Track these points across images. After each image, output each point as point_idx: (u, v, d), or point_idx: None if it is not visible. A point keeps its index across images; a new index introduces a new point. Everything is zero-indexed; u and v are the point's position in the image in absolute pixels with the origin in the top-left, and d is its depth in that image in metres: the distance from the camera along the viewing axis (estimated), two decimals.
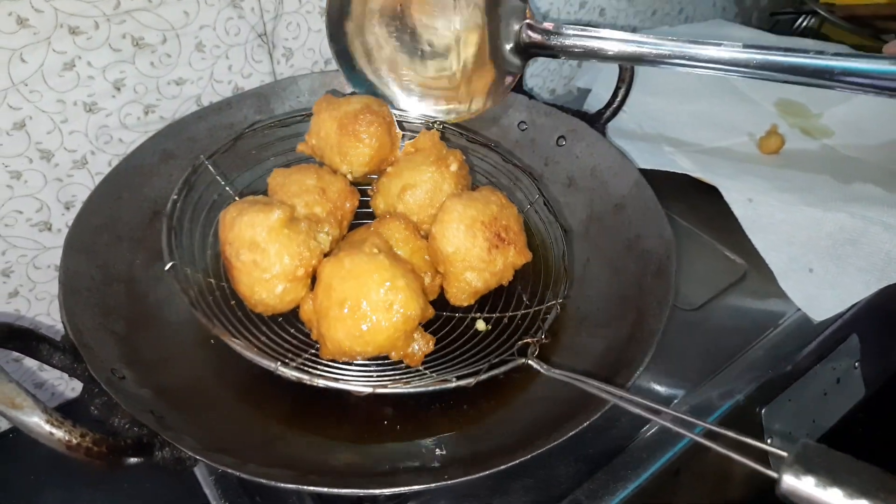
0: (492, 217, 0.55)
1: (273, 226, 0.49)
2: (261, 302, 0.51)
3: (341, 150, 0.60)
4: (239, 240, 0.50)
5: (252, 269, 0.50)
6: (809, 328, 0.70)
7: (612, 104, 0.74)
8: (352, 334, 0.47)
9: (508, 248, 0.55)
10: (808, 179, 0.78)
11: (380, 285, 0.47)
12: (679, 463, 0.59)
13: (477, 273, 0.55)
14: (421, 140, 0.63)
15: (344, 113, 0.60)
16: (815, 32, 1.18)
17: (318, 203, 0.57)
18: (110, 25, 0.61)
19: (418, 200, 0.59)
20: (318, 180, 0.58)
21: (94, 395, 0.44)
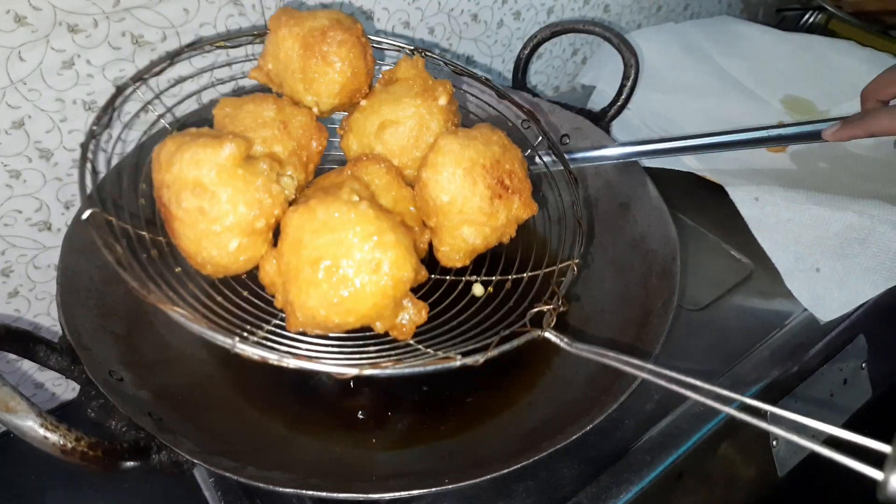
0: (494, 160, 0.45)
1: (224, 163, 0.39)
2: (210, 261, 0.41)
3: (306, 75, 0.49)
4: (180, 181, 0.39)
5: (198, 220, 0.40)
6: (816, 328, 0.69)
7: (617, 102, 0.73)
8: (329, 301, 0.38)
9: (513, 197, 0.46)
10: (815, 178, 0.77)
11: (364, 240, 0.38)
12: (683, 466, 0.58)
13: (475, 228, 0.46)
14: (402, 68, 0.52)
15: (309, 30, 0.48)
16: (822, 28, 1.17)
17: (278, 140, 0.46)
18: (109, 23, 0.60)
19: (400, 140, 0.49)
20: (277, 112, 0.48)
21: (91, 397, 0.43)
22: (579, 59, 1.03)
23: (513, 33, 0.91)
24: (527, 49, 0.77)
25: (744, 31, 1.03)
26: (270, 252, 0.42)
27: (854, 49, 0.99)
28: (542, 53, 0.97)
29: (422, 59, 0.53)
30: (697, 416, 0.61)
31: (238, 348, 0.37)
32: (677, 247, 0.58)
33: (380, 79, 0.54)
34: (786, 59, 0.99)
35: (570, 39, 0.99)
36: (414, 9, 0.79)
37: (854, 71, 0.94)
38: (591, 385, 0.52)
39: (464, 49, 0.88)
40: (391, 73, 0.54)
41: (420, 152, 0.49)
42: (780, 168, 0.79)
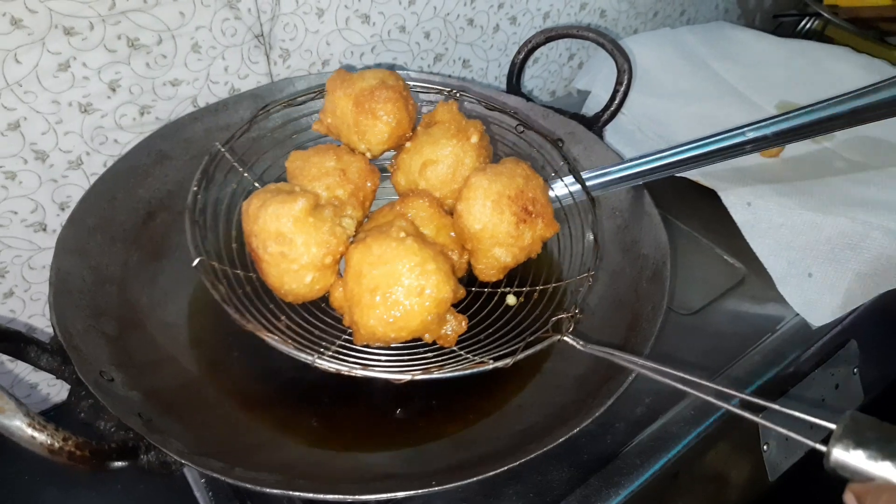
0: (518, 190, 0.53)
1: (298, 216, 0.48)
2: (291, 292, 0.51)
3: (359, 128, 0.58)
4: (265, 232, 0.49)
5: (280, 261, 0.49)
6: (808, 333, 0.69)
7: (610, 107, 0.73)
8: (385, 321, 0.47)
9: (536, 220, 0.54)
10: (808, 183, 0.77)
11: (410, 270, 0.47)
12: (673, 470, 0.58)
13: (505, 248, 0.54)
14: (439, 112, 0.61)
15: (360, 90, 0.58)
16: (818, 35, 1.17)
17: (339, 185, 0.56)
18: (105, 26, 0.61)
19: (440, 176, 0.58)
20: (337, 161, 0.56)
21: (81, 397, 0.44)
22: (575, 64, 1.03)
23: (509, 38, 0.91)
24: (521, 54, 0.77)
25: (739, 36, 1.04)
26: (338, 281, 0.51)
27: (849, 55, 0.99)
28: (539, 58, 0.98)
29: (455, 102, 0.62)
30: (688, 420, 0.61)
31: (317, 363, 0.45)
32: (668, 251, 0.58)
33: (421, 122, 0.62)
34: (781, 65, 0.99)
35: (567, 44, 0.99)
36: (410, 13, 0.80)
37: (849, 77, 0.95)
38: (581, 388, 0.52)
39: (460, 53, 0.88)
40: (430, 117, 0.62)
41: (457, 185, 0.57)
42: (772, 173, 0.79)
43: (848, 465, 0.34)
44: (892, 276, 0.68)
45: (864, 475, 0.33)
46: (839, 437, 0.34)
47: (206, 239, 0.52)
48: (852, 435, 0.34)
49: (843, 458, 0.34)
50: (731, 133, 0.59)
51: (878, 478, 0.33)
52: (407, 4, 0.79)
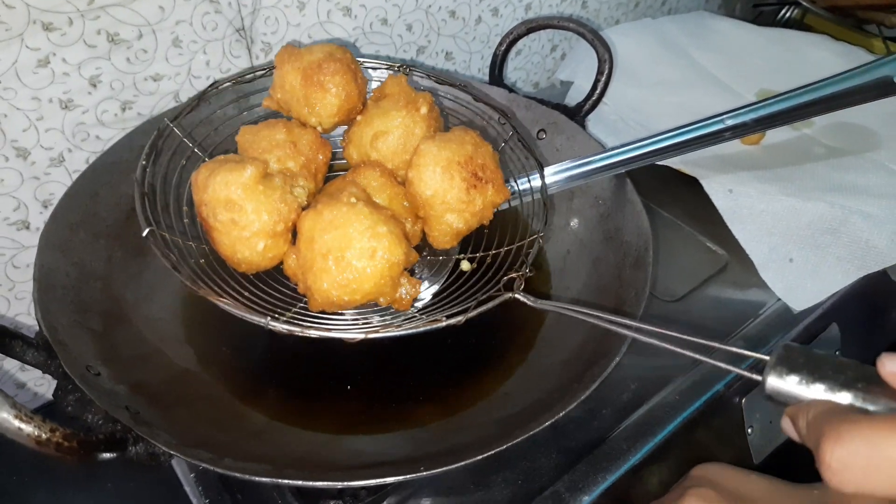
0: (467, 157, 0.54)
1: (247, 182, 0.48)
2: (244, 260, 0.51)
3: (308, 101, 0.58)
4: (214, 200, 0.49)
5: (231, 229, 0.49)
6: (790, 318, 0.70)
7: (592, 97, 0.74)
8: (338, 284, 0.47)
9: (486, 186, 0.54)
10: (788, 170, 0.78)
11: (361, 234, 0.47)
12: (660, 454, 0.59)
13: (457, 214, 0.54)
14: (388, 85, 0.61)
15: (307, 63, 0.58)
16: (798, 23, 1.18)
17: (290, 157, 0.56)
18: (84, 21, 0.60)
19: (391, 147, 0.58)
20: (287, 134, 0.57)
21: (67, 391, 0.44)
22: (558, 55, 1.03)
23: (491, 29, 0.91)
24: (503, 46, 0.78)
25: (720, 26, 1.05)
26: (290, 249, 0.51)
27: (828, 43, 1.00)
28: (521, 50, 0.98)
29: (404, 76, 0.62)
30: (673, 404, 0.62)
31: (271, 325, 0.45)
32: (650, 238, 0.59)
33: (371, 96, 0.63)
34: (761, 54, 1.00)
35: (549, 35, 1.00)
36: (391, 6, 0.80)
37: (828, 64, 0.96)
38: (566, 374, 0.53)
39: (442, 45, 0.88)
40: (380, 90, 0.62)
41: (408, 155, 0.57)
42: (753, 160, 0.80)
43: (782, 390, 0.36)
44: (871, 259, 0.69)
45: (797, 398, 0.35)
46: (773, 366, 0.36)
47: (157, 212, 0.52)
48: (785, 363, 0.36)
49: (777, 385, 0.36)
50: (711, 120, 0.59)
51: (809, 400, 0.35)
52: None
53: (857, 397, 0.34)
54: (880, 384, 0.34)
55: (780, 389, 0.36)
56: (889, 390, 0.34)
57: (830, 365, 0.35)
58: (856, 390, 0.34)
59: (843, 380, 0.34)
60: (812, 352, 0.37)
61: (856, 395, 0.34)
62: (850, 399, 0.34)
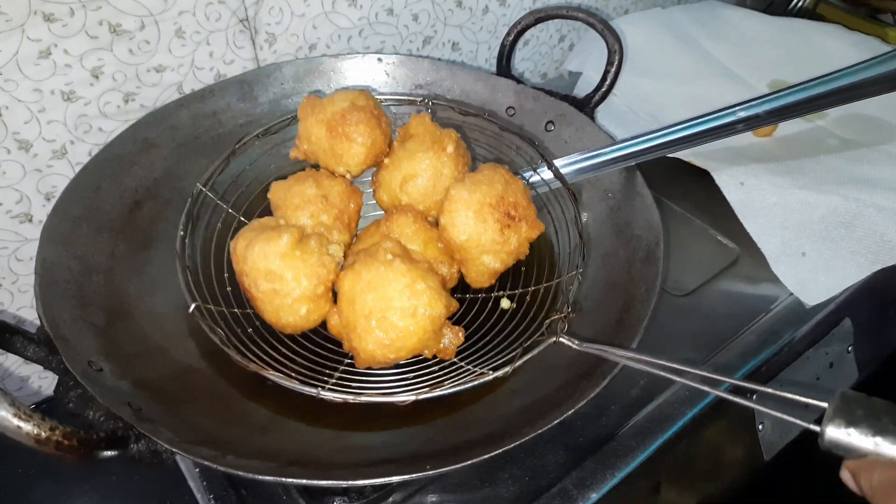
0: (498, 197, 0.54)
1: (284, 251, 0.49)
2: (288, 325, 0.51)
3: (335, 152, 0.59)
4: (255, 271, 0.49)
5: (273, 297, 0.50)
6: (802, 312, 0.69)
7: (601, 88, 0.72)
8: (382, 344, 0.48)
9: (520, 224, 0.54)
10: (801, 162, 0.77)
11: (401, 293, 0.48)
12: (669, 451, 0.58)
13: (493, 255, 0.55)
14: (413, 125, 0.62)
15: (331, 115, 0.59)
16: (810, 12, 1.16)
17: (322, 211, 0.56)
18: (86, 12, 0.59)
19: (421, 189, 0.58)
20: (317, 188, 0.57)
21: (69, 388, 0.43)
22: (566, 46, 1.02)
23: (498, 19, 0.90)
24: (511, 36, 0.77)
25: (731, 15, 1.03)
26: (332, 309, 0.52)
27: (841, 33, 0.99)
28: (529, 40, 0.97)
29: (428, 115, 0.62)
30: (683, 400, 0.61)
31: (322, 395, 0.46)
32: (661, 232, 0.58)
33: (397, 136, 0.63)
34: (773, 44, 0.98)
35: (557, 26, 0.98)
36: None
37: (841, 55, 0.94)
38: (574, 371, 0.52)
39: (449, 36, 0.87)
40: (405, 131, 0.63)
41: (439, 196, 0.58)
42: (765, 152, 0.79)
43: (841, 442, 0.34)
44: (885, 254, 0.68)
45: (858, 451, 0.34)
46: (831, 417, 0.35)
47: (200, 284, 0.53)
48: (843, 413, 0.35)
49: (837, 437, 0.35)
50: (723, 112, 0.58)
51: (870, 453, 0.34)
52: None
53: None
54: None
55: (839, 442, 0.35)
56: None
57: (891, 416, 0.34)
58: None
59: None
60: (870, 400, 0.35)
61: None
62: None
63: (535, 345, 0.49)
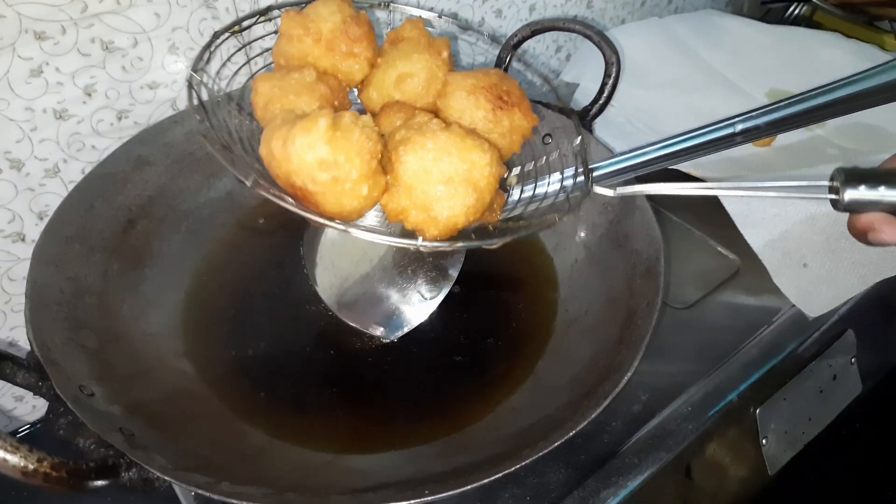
0: (491, 84, 0.54)
1: (328, 136, 0.45)
2: (353, 210, 0.49)
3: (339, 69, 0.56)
4: (305, 166, 0.46)
5: (333, 186, 0.47)
6: (804, 324, 0.68)
7: (599, 100, 0.72)
8: (466, 206, 0.47)
9: (513, 109, 0.54)
10: (800, 172, 0.76)
11: (474, 152, 0.47)
12: (672, 467, 0.58)
13: (485, 136, 0.53)
14: (406, 29, 0.60)
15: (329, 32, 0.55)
16: (807, 20, 1.16)
17: (326, 99, 0.53)
18: (78, 30, 0.59)
19: (416, 89, 0.57)
20: (318, 77, 0.53)
21: (59, 414, 0.42)
22: (563, 56, 1.02)
23: (495, 31, 0.90)
24: (507, 48, 0.76)
25: (728, 24, 1.03)
26: (392, 188, 0.49)
27: (839, 41, 0.98)
28: (526, 51, 0.96)
29: (420, 21, 0.61)
30: (686, 416, 0.60)
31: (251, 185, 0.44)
32: (661, 246, 0.57)
33: (386, 39, 0.60)
34: (770, 52, 0.98)
35: (553, 36, 0.98)
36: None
37: (839, 62, 0.94)
38: (576, 389, 0.51)
39: None
40: (396, 34, 0.60)
41: (432, 98, 0.57)
42: (765, 162, 0.78)
43: (856, 200, 0.40)
44: (887, 264, 0.67)
45: (870, 204, 0.40)
46: (844, 182, 0.41)
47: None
48: (853, 179, 0.41)
49: (854, 196, 0.40)
50: (721, 124, 0.57)
51: (879, 202, 0.40)
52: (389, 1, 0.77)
53: None
54: None
55: (856, 200, 0.40)
56: None
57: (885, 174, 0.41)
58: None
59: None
60: (860, 168, 0.42)
61: None
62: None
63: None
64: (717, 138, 0.58)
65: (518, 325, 0.60)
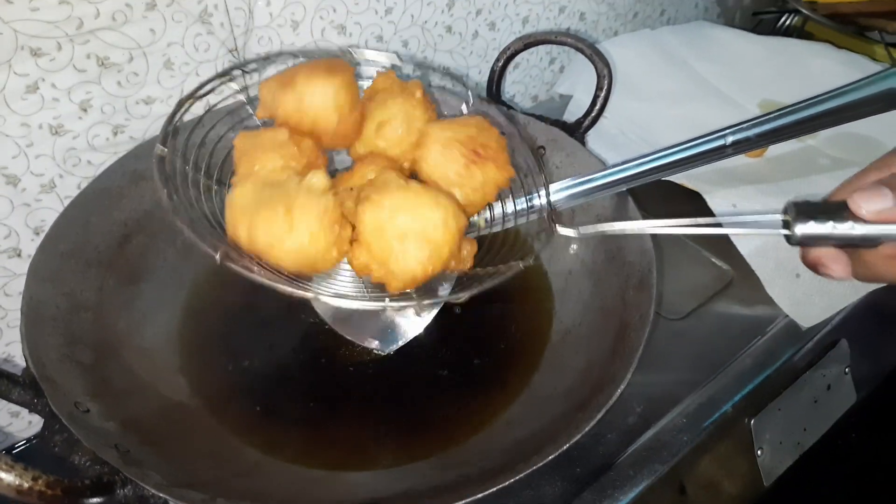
0: (468, 136, 0.55)
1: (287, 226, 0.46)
2: (321, 268, 0.49)
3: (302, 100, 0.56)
4: (271, 252, 0.47)
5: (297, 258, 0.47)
6: (798, 334, 0.68)
7: (592, 112, 0.72)
8: (421, 261, 0.48)
9: (487, 163, 0.54)
10: (792, 183, 0.77)
11: (431, 208, 0.48)
12: (667, 479, 0.58)
13: (458, 189, 0.54)
14: (379, 82, 0.62)
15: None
16: (798, 31, 1.17)
17: (293, 157, 0.53)
18: (73, 46, 0.59)
19: (396, 133, 0.58)
20: (290, 137, 0.54)
21: (54, 431, 0.42)
22: (557, 68, 1.02)
23: (488, 44, 0.90)
24: (500, 62, 0.77)
25: (720, 35, 1.03)
26: (353, 247, 0.50)
27: (830, 51, 0.99)
28: (520, 63, 0.97)
29: (392, 71, 0.62)
30: (680, 427, 0.60)
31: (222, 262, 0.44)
32: (653, 258, 0.57)
33: (363, 97, 0.61)
34: (762, 63, 0.99)
35: (547, 49, 0.99)
36: (387, 22, 0.79)
37: (830, 73, 0.94)
38: (569, 401, 0.51)
39: (439, 61, 0.87)
40: (371, 90, 0.61)
41: (413, 138, 0.58)
42: (757, 173, 0.79)
43: (808, 234, 0.41)
44: None
45: (820, 238, 0.41)
46: (795, 219, 0.41)
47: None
48: (802, 214, 0.41)
49: (805, 231, 0.41)
50: (712, 136, 0.58)
51: (829, 236, 0.40)
52: (384, 13, 0.78)
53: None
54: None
55: (808, 235, 0.41)
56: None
57: (833, 207, 0.41)
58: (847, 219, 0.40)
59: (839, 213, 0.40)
60: (812, 202, 0.43)
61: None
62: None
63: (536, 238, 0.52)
64: (709, 150, 0.58)
65: (513, 338, 0.60)
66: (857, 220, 0.40)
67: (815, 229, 0.41)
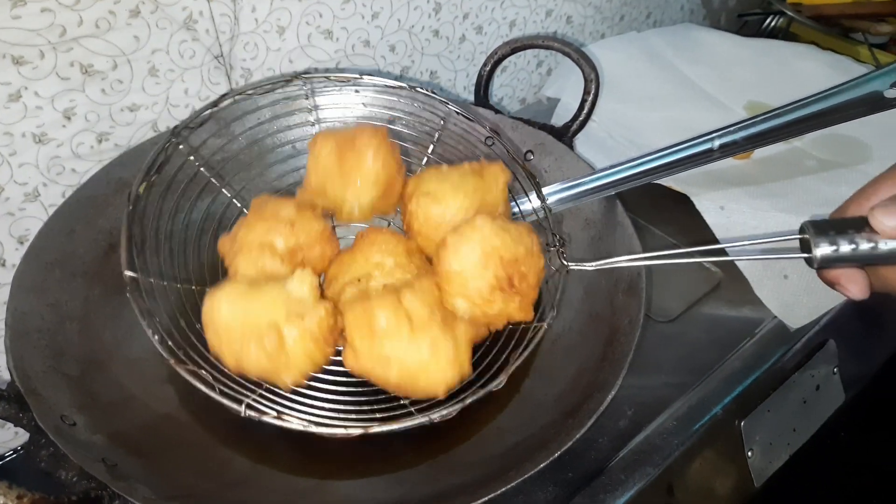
0: (513, 258, 0.47)
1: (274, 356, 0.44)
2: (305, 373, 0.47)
3: (343, 171, 0.55)
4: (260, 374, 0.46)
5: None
6: (786, 336, 0.69)
7: (579, 116, 0.72)
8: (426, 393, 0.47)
9: (514, 297, 0.48)
10: (780, 184, 0.77)
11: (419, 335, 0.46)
12: (660, 481, 0.58)
13: (468, 303, 0.48)
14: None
15: (342, 138, 0.55)
16: (783, 32, 1.18)
17: (280, 235, 0.51)
18: (56, 53, 0.59)
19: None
20: (293, 212, 0.52)
21: (40, 445, 0.42)
22: (544, 71, 1.02)
23: (476, 48, 0.90)
24: (487, 66, 0.76)
25: (705, 37, 1.04)
26: (349, 351, 0.48)
27: (815, 53, 1.00)
28: (507, 66, 0.97)
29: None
30: (671, 430, 0.60)
31: (246, 414, 0.43)
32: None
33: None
34: (748, 65, 0.99)
35: (534, 52, 0.99)
36: (373, 27, 0.79)
37: (815, 74, 0.95)
38: (560, 407, 0.51)
39: (427, 65, 0.87)
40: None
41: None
42: (744, 175, 0.79)
43: (829, 257, 0.40)
44: None
45: (842, 259, 0.40)
46: (815, 241, 0.40)
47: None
48: (821, 236, 0.40)
49: (826, 253, 0.40)
50: (700, 140, 0.58)
51: (851, 257, 0.40)
52: (370, 18, 0.78)
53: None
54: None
55: (828, 257, 0.40)
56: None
57: (851, 227, 0.40)
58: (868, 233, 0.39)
59: (858, 228, 0.40)
60: (829, 220, 0.42)
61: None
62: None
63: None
64: (696, 154, 0.59)
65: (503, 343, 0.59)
66: (878, 236, 0.39)
67: (837, 252, 0.40)
